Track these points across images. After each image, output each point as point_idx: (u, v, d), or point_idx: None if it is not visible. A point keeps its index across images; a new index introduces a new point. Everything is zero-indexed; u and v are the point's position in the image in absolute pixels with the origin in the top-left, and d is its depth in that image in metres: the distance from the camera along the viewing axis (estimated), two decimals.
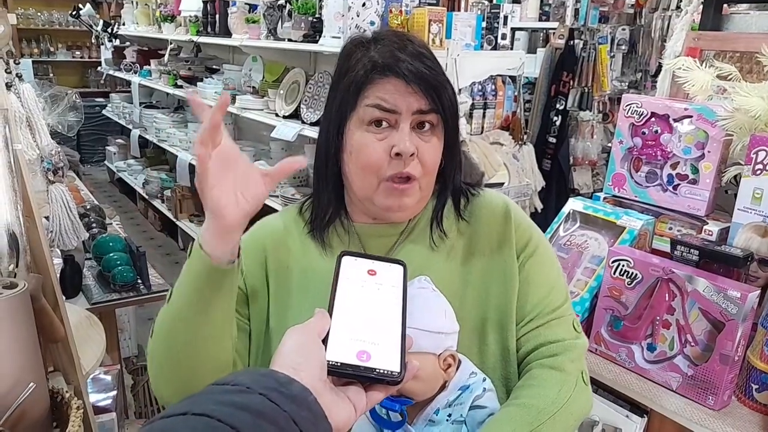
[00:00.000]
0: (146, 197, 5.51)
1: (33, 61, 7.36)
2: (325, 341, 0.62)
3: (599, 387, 1.38)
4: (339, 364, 0.60)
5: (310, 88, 3.21)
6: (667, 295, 1.29)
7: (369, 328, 0.64)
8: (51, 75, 7.67)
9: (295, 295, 0.98)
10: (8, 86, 1.31)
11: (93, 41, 7.11)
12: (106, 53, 6.58)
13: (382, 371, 0.61)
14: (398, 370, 0.61)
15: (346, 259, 0.71)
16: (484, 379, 0.91)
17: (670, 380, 1.27)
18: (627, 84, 4.20)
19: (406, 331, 0.65)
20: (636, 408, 1.33)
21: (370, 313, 0.66)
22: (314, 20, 3.03)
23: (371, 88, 0.90)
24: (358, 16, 2.71)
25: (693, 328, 1.25)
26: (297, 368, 0.58)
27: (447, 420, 0.87)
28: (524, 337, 0.96)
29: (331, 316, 0.64)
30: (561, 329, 0.96)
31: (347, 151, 0.93)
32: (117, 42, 6.31)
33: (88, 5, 6.20)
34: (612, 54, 4.00)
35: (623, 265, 1.34)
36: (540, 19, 4.45)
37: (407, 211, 0.96)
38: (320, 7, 2.99)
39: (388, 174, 0.90)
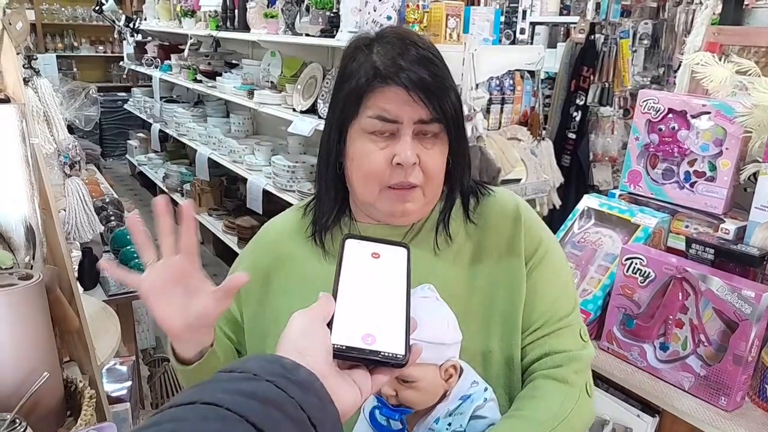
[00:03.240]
0: (166, 191, 5.57)
1: (57, 56, 7.47)
2: (329, 325, 0.62)
3: (610, 386, 1.37)
4: (344, 347, 0.61)
5: (327, 83, 3.21)
6: (680, 294, 1.27)
7: (373, 312, 0.64)
8: (74, 69, 7.78)
9: (299, 298, 0.98)
10: (26, 81, 1.33)
11: (115, 36, 7.18)
12: (128, 48, 6.64)
13: (387, 354, 0.61)
14: (403, 353, 0.61)
15: (349, 243, 0.70)
16: (486, 389, 0.89)
17: (682, 380, 1.26)
18: (649, 79, 4.13)
19: (410, 314, 0.65)
20: (647, 408, 1.31)
21: (375, 296, 0.66)
22: (331, 15, 3.03)
23: (372, 97, 0.89)
24: (375, 10, 2.70)
25: (706, 328, 1.23)
26: (303, 352, 0.58)
27: (447, 429, 0.86)
28: (529, 345, 0.95)
29: (335, 299, 0.64)
30: (567, 339, 0.95)
31: (349, 157, 0.93)
32: (139, 37, 6.36)
33: (111, 0, 6.27)
34: (634, 49, 3.93)
35: (636, 263, 1.33)
36: (561, 14, 4.40)
37: (411, 216, 0.96)
38: (338, 2, 2.99)
39: (390, 182, 0.90)
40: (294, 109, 3.38)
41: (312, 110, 3.26)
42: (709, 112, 1.45)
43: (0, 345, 1.07)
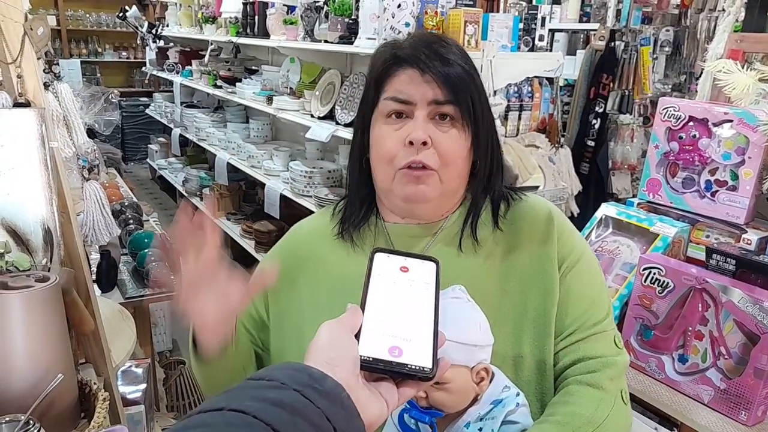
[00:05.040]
0: (186, 195, 5.63)
1: (81, 62, 7.59)
2: (357, 336, 0.62)
3: None
4: (371, 359, 0.61)
5: (345, 89, 3.22)
6: (700, 305, 1.25)
7: (401, 324, 0.64)
8: (98, 75, 7.90)
9: (326, 299, 0.98)
10: (46, 86, 1.35)
11: (138, 42, 7.28)
12: (150, 54, 6.72)
13: (413, 367, 0.61)
14: (430, 366, 0.61)
15: (378, 256, 0.71)
16: (518, 394, 0.87)
17: (701, 393, 1.23)
18: (670, 87, 4.08)
19: (438, 328, 0.65)
20: (665, 421, 1.29)
21: (403, 309, 0.66)
22: (350, 22, 3.04)
23: (389, 81, 0.92)
24: (393, 17, 2.71)
25: (727, 340, 1.20)
26: (330, 363, 0.58)
27: None
28: (563, 351, 0.93)
29: (363, 311, 0.65)
30: (601, 344, 0.93)
31: (371, 146, 0.95)
32: (161, 43, 6.45)
33: (134, 7, 6.36)
34: (655, 56, 3.89)
35: (654, 273, 1.30)
36: (580, 20, 4.37)
37: (429, 203, 0.95)
38: (356, 9, 3.00)
39: (402, 163, 0.90)
40: (312, 115, 3.40)
41: (330, 116, 3.27)
42: (731, 120, 1.42)
43: (15, 346, 1.08)
